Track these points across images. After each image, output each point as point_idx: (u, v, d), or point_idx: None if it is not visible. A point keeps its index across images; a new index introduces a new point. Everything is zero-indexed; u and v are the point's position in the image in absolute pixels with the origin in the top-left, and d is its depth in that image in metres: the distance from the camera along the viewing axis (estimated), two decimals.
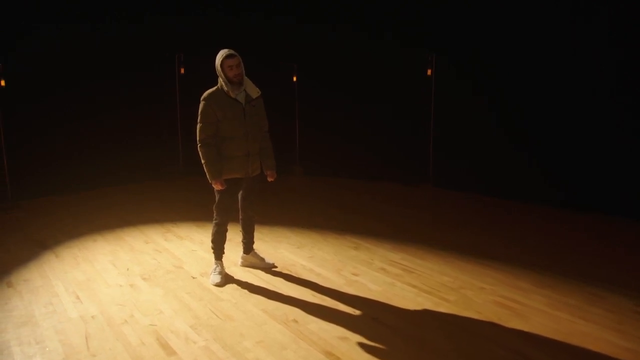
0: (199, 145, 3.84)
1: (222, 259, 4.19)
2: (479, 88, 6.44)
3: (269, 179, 4.20)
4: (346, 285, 3.99)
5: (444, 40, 6.62)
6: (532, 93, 6.05)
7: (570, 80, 5.75)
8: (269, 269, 4.36)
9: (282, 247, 4.87)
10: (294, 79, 7.84)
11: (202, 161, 3.85)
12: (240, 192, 4.16)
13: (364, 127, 7.45)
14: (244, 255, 4.40)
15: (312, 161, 7.99)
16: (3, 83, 5.76)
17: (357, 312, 3.53)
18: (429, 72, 6.65)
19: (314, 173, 7.96)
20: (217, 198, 4.03)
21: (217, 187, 3.89)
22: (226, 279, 4.08)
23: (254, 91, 3.96)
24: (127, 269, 4.34)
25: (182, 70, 7.17)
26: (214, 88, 3.90)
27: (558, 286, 3.90)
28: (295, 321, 3.40)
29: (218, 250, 4.14)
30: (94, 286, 4.00)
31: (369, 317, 3.46)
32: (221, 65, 3.79)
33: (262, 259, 4.41)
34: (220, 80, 3.86)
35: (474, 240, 4.99)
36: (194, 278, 4.14)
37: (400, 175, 7.26)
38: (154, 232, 5.34)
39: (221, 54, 3.81)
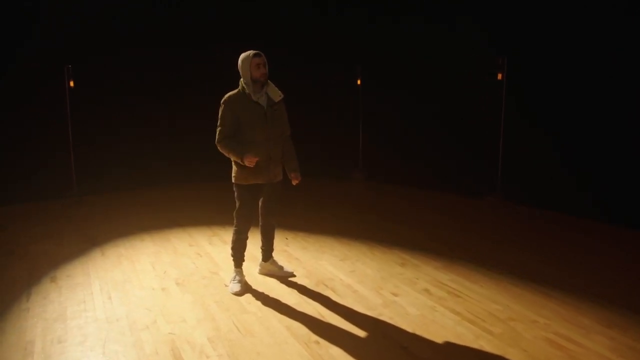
0: (218, 146, 3.77)
1: (242, 267, 4.09)
2: (553, 95, 5.83)
3: (294, 182, 4.01)
4: (382, 306, 3.69)
5: (516, 42, 6.06)
6: (615, 103, 5.37)
7: None
8: (288, 277, 4.20)
9: (325, 259, 4.65)
10: (358, 82, 7.59)
11: (226, 153, 3.76)
12: (260, 199, 4.03)
13: (429, 132, 7.03)
14: (263, 262, 4.28)
15: (375, 167, 7.70)
16: (72, 84, 6.03)
17: (386, 339, 3.23)
18: (500, 76, 6.13)
19: (375, 179, 7.66)
20: (237, 204, 3.92)
21: (251, 162, 3.61)
22: (245, 288, 3.98)
23: (277, 94, 3.81)
24: (164, 272, 4.32)
25: None
26: (235, 91, 3.80)
27: (628, 327, 3.35)
28: (317, 343, 3.17)
29: (238, 257, 4.05)
30: (128, 287, 4.01)
31: (398, 345, 3.15)
32: (249, 64, 3.69)
33: (281, 267, 4.26)
34: (241, 82, 3.77)
35: (537, 265, 4.46)
36: (226, 286, 4.03)
37: (465, 186, 6.77)
38: (200, 235, 5.33)
39: (247, 53, 3.74)
